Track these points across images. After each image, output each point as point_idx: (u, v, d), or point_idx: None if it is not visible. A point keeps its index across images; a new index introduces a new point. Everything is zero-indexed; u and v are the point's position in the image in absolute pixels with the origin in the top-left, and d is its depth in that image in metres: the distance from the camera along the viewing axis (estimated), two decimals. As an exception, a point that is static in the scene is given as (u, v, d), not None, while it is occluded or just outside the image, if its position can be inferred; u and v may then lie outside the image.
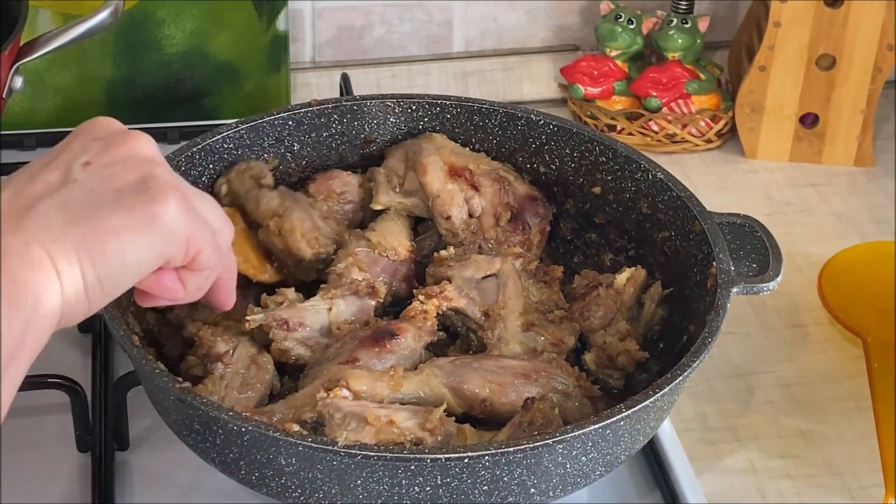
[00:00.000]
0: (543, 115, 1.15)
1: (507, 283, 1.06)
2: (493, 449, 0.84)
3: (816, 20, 1.42)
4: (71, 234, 0.72)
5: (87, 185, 0.74)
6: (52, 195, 0.73)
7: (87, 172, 0.75)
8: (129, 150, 0.77)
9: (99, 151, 0.76)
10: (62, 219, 0.72)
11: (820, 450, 1.13)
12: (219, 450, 0.90)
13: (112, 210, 0.74)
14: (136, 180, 0.75)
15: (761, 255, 1.03)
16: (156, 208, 0.75)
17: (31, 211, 0.72)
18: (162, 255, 0.77)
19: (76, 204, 0.73)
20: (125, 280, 0.75)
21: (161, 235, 0.76)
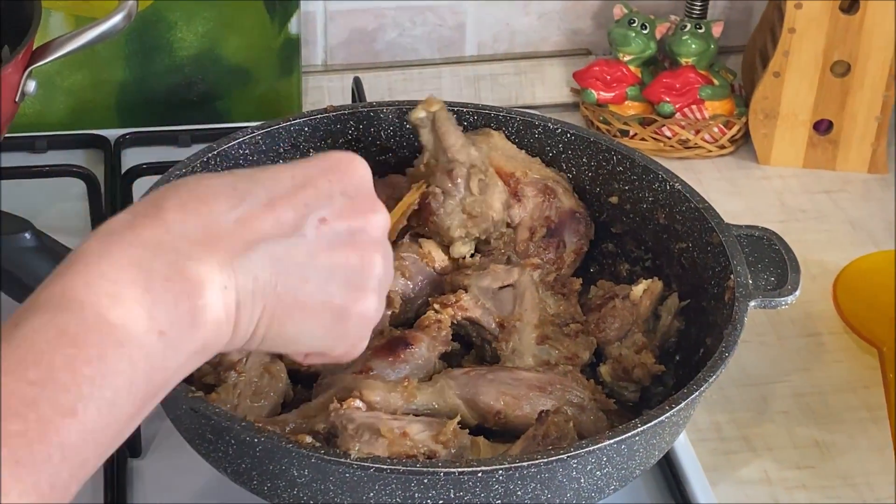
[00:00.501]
0: (561, 124, 1.15)
1: (525, 294, 1.05)
2: (506, 463, 0.83)
3: (831, 26, 1.41)
4: (270, 295, 0.71)
5: (310, 248, 0.73)
6: (275, 242, 0.71)
7: (317, 232, 0.73)
8: (366, 224, 0.76)
9: (340, 212, 0.74)
10: (270, 275, 0.71)
11: (835, 460, 1.13)
12: (231, 460, 0.89)
13: (317, 290, 0.73)
14: (353, 265, 0.75)
15: (779, 267, 1.03)
16: (352, 311, 0.75)
17: (248, 253, 0.70)
18: (326, 348, 0.78)
19: (290, 264, 0.72)
20: (283, 348, 0.76)
21: (339, 333, 0.76)
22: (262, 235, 0.71)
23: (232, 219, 0.70)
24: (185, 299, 0.67)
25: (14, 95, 1.17)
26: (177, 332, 0.67)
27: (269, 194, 0.72)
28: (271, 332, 0.72)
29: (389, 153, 1.17)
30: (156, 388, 0.67)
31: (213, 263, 0.68)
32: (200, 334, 0.68)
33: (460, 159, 1.07)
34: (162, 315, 0.66)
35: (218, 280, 0.68)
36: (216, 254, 0.69)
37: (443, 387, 0.97)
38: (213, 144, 1.10)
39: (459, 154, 1.07)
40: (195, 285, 0.68)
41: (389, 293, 1.04)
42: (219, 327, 0.69)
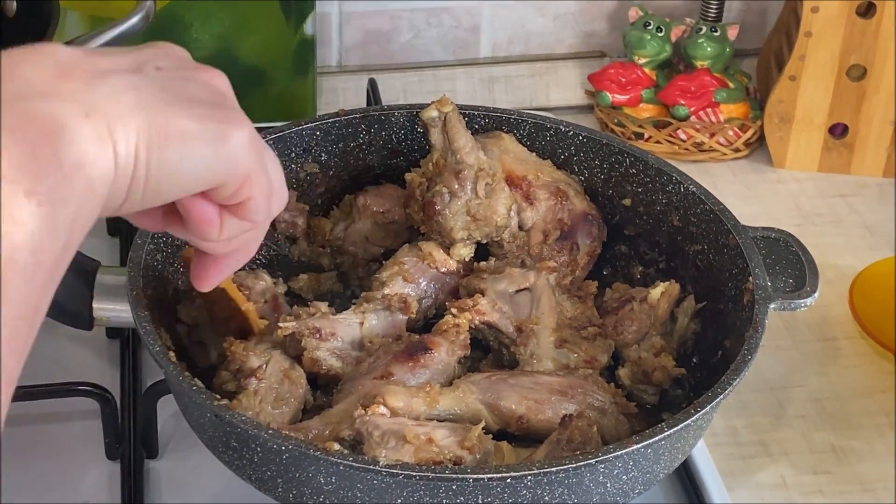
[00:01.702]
0: (573, 126, 1.15)
1: (541, 298, 1.05)
2: (535, 469, 0.84)
3: (848, 30, 1.41)
4: (137, 116, 0.65)
5: (159, 83, 0.67)
6: (124, 75, 0.66)
7: (159, 74, 0.68)
8: (207, 77, 0.71)
9: (173, 66, 0.70)
10: (133, 98, 0.65)
11: (852, 466, 1.13)
12: (256, 467, 0.89)
13: (184, 112, 0.67)
14: (209, 99, 0.69)
15: (797, 270, 1.03)
16: (228, 129, 0.69)
17: (102, 79, 0.64)
18: (217, 178, 0.70)
19: (148, 91, 0.66)
20: (171, 188, 0.68)
21: (224, 158, 0.69)
22: (108, 69, 0.66)
23: (73, 55, 0.65)
24: (44, 143, 0.60)
25: (33, 96, 1.16)
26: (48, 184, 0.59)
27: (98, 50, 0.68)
28: (153, 164, 0.65)
29: (401, 156, 1.17)
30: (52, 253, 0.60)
31: (66, 99, 0.62)
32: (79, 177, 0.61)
33: (469, 162, 1.07)
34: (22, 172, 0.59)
35: (75, 110, 0.62)
36: (68, 87, 0.63)
37: (465, 391, 0.97)
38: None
39: (468, 156, 1.08)
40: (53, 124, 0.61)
41: (406, 298, 1.05)
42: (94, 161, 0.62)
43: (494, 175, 1.09)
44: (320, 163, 1.15)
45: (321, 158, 1.15)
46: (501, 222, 1.09)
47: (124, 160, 0.64)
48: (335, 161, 1.16)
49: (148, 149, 0.65)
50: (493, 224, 1.08)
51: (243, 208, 0.73)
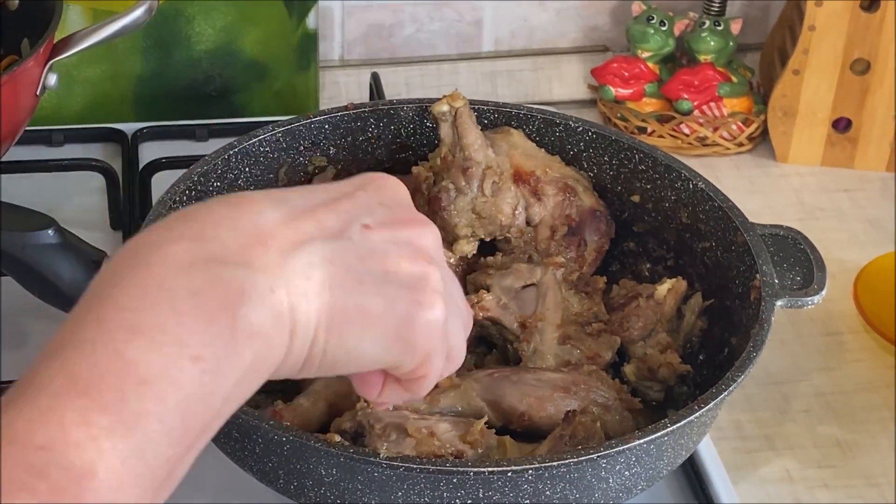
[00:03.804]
0: (582, 122, 1.14)
1: (547, 294, 1.04)
2: (536, 463, 0.83)
3: (852, 24, 1.41)
4: (324, 295, 0.64)
5: (359, 251, 0.66)
6: (324, 242, 0.64)
7: (363, 236, 0.66)
8: (413, 236, 0.68)
9: (383, 221, 0.68)
10: (323, 274, 0.64)
11: (857, 460, 1.12)
12: (257, 458, 0.89)
13: (374, 292, 0.66)
14: (408, 273, 0.67)
15: (805, 267, 1.03)
16: (416, 313, 0.67)
17: (296, 253, 0.63)
18: (394, 362, 0.69)
19: (342, 266, 0.65)
20: (347, 365, 0.67)
21: (406, 343, 0.67)
22: (308, 235, 0.64)
23: (275, 218, 0.64)
24: (221, 313, 0.59)
25: (35, 89, 1.17)
26: (215, 352, 0.59)
27: (306, 203, 0.66)
28: (332, 344, 0.64)
29: (409, 150, 1.17)
30: (200, 421, 0.59)
31: (255, 266, 0.61)
32: (248, 350, 0.60)
33: (477, 159, 1.07)
34: (193, 338, 0.58)
35: (262, 283, 0.61)
36: (261, 254, 0.62)
37: (466, 389, 0.96)
38: (234, 141, 1.10)
39: (477, 154, 1.07)
40: (235, 293, 0.60)
41: None
42: (271, 337, 0.61)
43: (502, 174, 1.08)
44: (329, 156, 1.15)
45: (329, 152, 1.15)
46: (506, 221, 1.08)
47: (301, 340, 0.63)
48: (344, 155, 1.16)
49: (328, 329, 0.64)
50: (498, 223, 1.08)
51: (412, 384, 0.72)
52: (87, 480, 0.54)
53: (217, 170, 1.07)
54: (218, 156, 1.08)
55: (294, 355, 0.64)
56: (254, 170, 1.10)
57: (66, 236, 1.00)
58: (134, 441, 0.56)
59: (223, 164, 1.08)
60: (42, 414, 0.55)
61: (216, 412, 0.60)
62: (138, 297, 0.59)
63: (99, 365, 0.57)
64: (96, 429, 0.55)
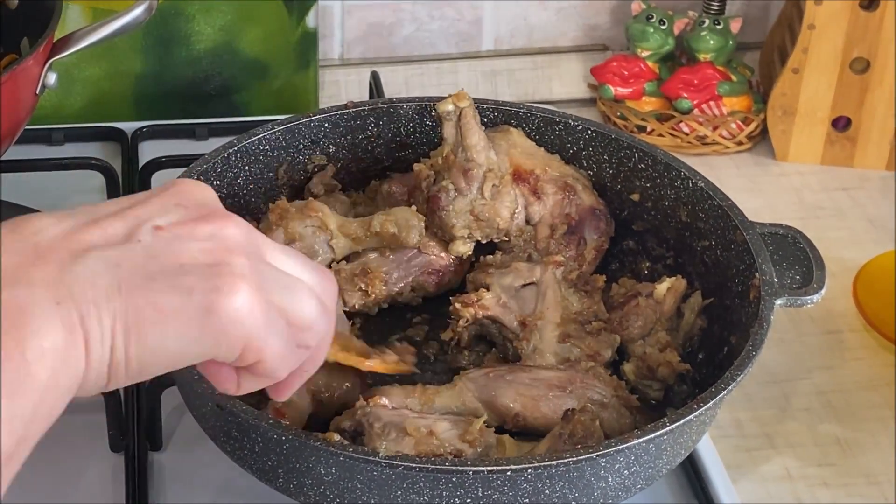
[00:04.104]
0: (581, 121, 1.14)
1: (547, 292, 1.04)
2: (535, 462, 0.83)
3: (851, 23, 1.41)
4: (114, 300, 0.62)
5: (149, 251, 0.64)
6: (107, 249, 0.63)
7: (154, 237, 0.65)
8: (214, 230, 0.67)
9: (178, 220, 0.66)
10: (109, 280, 0.62)
11: (857, 458, 1.12)
12: (257, 457, 0.89)
13: (168, 286, 0.64)
14: (206, 262, 0.65)
15: (804, 266, 1.03)
16: (217, 299, 0.65)
17: (79, 261, 0.62)
18: (208, 354, 0.66)
19: (130, 267, 0.63)
20: (156, 366, 0.65)
21: (213, 332, 0.65)
22: (90, 245, 0.63)
23: (54, 233, 0.63)
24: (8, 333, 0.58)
25: (35, 88, 1.16)
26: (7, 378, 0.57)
27: (92, 215, 0.65)
28: (133, 349, 0.62)
29: (409, 149, 1.17)
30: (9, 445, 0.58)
31: (36, 285, 0.60)
32: (41, 369, 0.59)
33: (479, 161, 1.07)
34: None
35: (44, 297, 0.60)
36: (41, 272, 0.61)
37: (461, 389, 0.96)
38: (234, 140, 1.10)
39: (479, 155, 1.07)
40: (18, 313, 0.59)
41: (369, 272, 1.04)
42: (64, 352, 0.60)
43: (503, 177, 1.08)
44: (328, 154, 1.15)
45: (329, 150, 1.15)
46: (503, 225, 1.08)
47: (99, 349, 0.62)
48: (343, 153, 1.16)
49: (125, 333, 0.62)
50: (495, 226, 1.08)
51: (256, 369, 0.70)
52: None
53: (217, 168, 1.07)
54: (217, 154, 1.08)
55: (95, 366, 0.62)
56: (253, 168, 1.11)
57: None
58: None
59: (223, 163, 1.08)
60: None
61: (20, 436, 0.59)
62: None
63: None
64: None
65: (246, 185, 1.10)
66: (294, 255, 0.72)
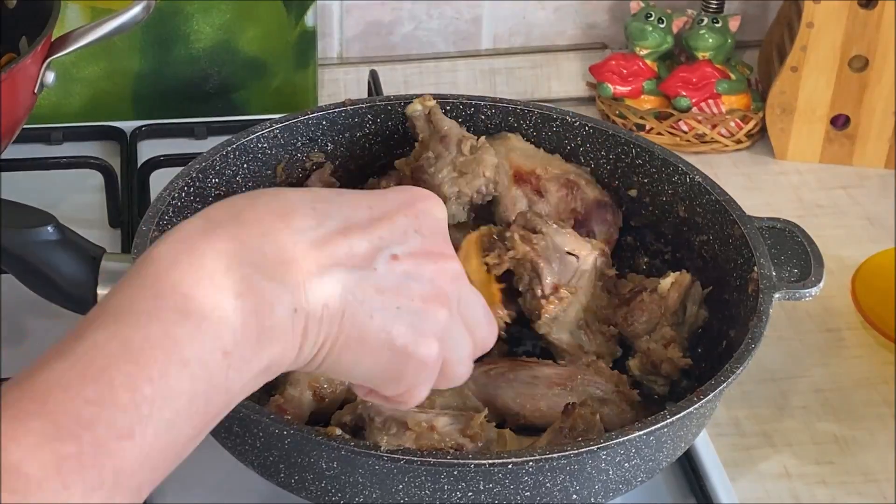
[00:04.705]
0: (579, 117, 1.15)
1: (584, 274, 1.03)
2: (536, 455, 0.83)
3: (850, 21, 1.41)
4: (335, 325, 0.69)
5: (379, 283, 0.70)
6: (349, 272, 0.69)
7: (388, 268, 0.70)
8: (438, 270, 0.72)
9: (413, 252, 0.72)
10: (338, 305, 0.68)
11: (855, 456, 1.12)
12: (258, 452, 0.89)
13: (382, 327, 0.70)
14: (419, 308, 0.71)
15: (802, 260, 1.03)
16: (412, 354, 0.72)
17: (322, 277, 0.68)
18: (378, 387, 0.74)
19: (360, 296, 0.69)
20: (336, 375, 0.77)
21: (393, 375, 0.72)
22: (336, 262, 0.69)
23: (308, 239, 0.68)
24: (253, 319, 0.65)
25: (33, 87, 1.17)
26: (242, 352, 0.64)
27: (346, 221, 0.70)
28: (329, 360, 0.70)
29: (407, 146, 1.17)
30: (216, 409, 0.65)
31: (286, 284, 0.66)
32: (266, 355, 0.66)
33: (453, 132, 1.10)
34: (228, 334, 0.64)
35: (288, 302, 0.66)
36: (291, 274, 0.67)
37: (462, 388, 0.96)
38: (232, 138, 1.10)
39: (453, 129, 1.10)
40: (266, 305, 0.65)
41: None
42: (284, 349, 0.67)
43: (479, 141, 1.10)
44: (326, 152, 1.15)
45: (327, 148, 1.15)
46: (489, 174, 1.08)
47: (306, 355, 0.69)
48: (341, 151, 1.16)
49: (330, 349, 0.69)
50: (482, 175, 1.08)
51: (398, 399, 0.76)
52: (125, 440, 0.59)
53: (215, 166, 1.07)
54: (216, 152, 1.08)
55: (297, 363, 0.69)
56: (252, 166, 1.11)
57: (65, 233, 1.00)
58: (168, 415, 0.61)
59: (221, 161, 1.08)
60: (95, 371, 0.59)
61: (227, 404, 0.66)
62: (193, 284, 0.64)
63: (150, 338, 0.62)
64: (140, 395, 0.60)
65: (245, 183, 1.10)
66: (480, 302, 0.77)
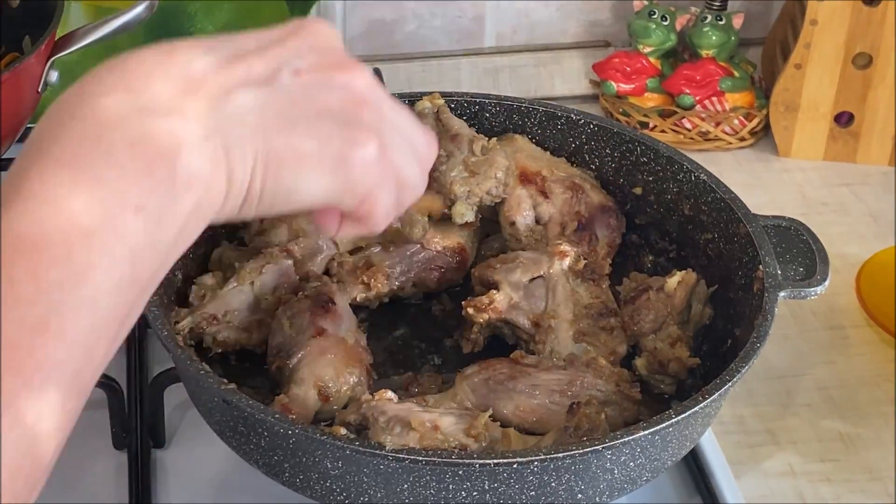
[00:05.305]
0: (584, 115, 1.14)
1: (557, 287, 1.03)
2: (541, 455, 0.83)
3: (853, 18, 1.41)
4: (258, 140, 0.65)
5: (290, 96, 0.67)
6: (254, 89, 0.66)
7: (294, 82, 0.67)
8: (346, 79, 0.69)
9: (314, 65, 0.68)
10: (255, 120, 0.65)
11: (859, 454, 1.12)
12: (263, 452, 0.89)
13: (307, 133, 0.67)
14: (340, 111, 0.68)
15: (807, 258, 1.03)
16: (351, 149, 0.69)
17: (228, 98, 0.64)
18: (332, 198, 0.70)
19: (274, 111, 0.66)
20: (285, 205, 0.68)
21: (343, 180, 0.69)
22: (237, 82, 0.65)
23: (206, 65, 0.65)
24: (160, 161, 0.61)
25: (37, 86, 1.17)
26: (157, 202, 0.60)
27: (236, 49, 0.67)
28: (269, 185, 0.66)
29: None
30: (150, 268, 0.61)
31: (189, 115, 0.63)
32: (188, 197, 0.62)
33: (464, 132, 1.10)
34: (133, 189, 0.60)
35: (196, 131, 0.62)
36: (194, 101, 0.63)
37: (461, 400, 0.95)
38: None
39: (463, 129, 1.10)
40: (169, 145, 0.61)
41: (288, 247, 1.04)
42: (209, 184, 0.63)
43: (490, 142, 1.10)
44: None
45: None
46: (501, 176, 1.08)
47: (238, 183, 0.65)
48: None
49: (264, 171, 0.66)
50: (493, 177, 1.08)
51: (362, 217, 0.74)
52: (43, 335, 0.56)
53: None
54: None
55: (232, 199, 0.65)
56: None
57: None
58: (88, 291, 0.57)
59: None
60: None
61: (161, 261, 0.62)
62: (76, 152, 0.60)
63: (44, 221, 0.57)
64: (45, 283, 0.56)
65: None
66: (406, 113, 0.75)
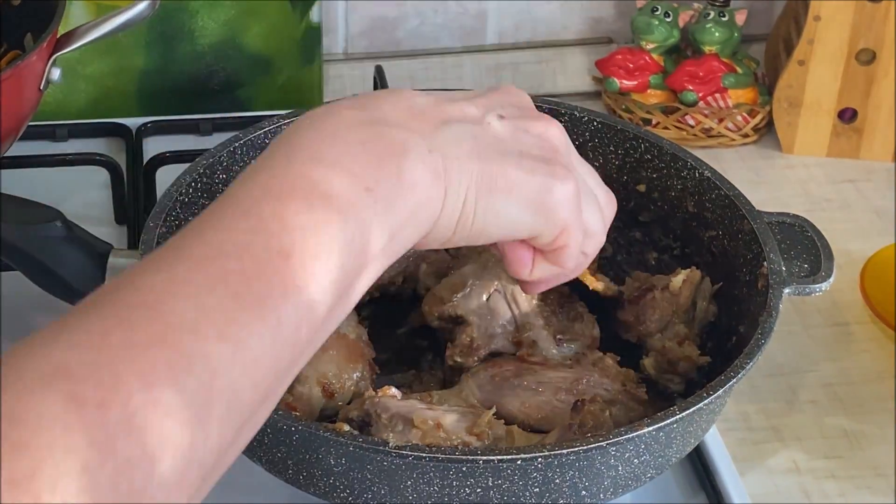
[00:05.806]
0: (587, 112, 1.14)
1: (516, 295, 1.01)
2: (545, 451, 0.83)
3: (857, 15, 1.40)
4: (472, 163, 0.73)
5: (497, 134, 0.76)
6: (468, 124, 0.75)
7: (500, 123, 0.76)
8: (542, 129, 0.78)
9: (514, 114, 0.78)
10: (470, 146, 0.73)
11: (864, 451, 1.12)
12: (266, 449, 0.89)
13: (514, 164, 0.75)
14: (540, 153, 0.77)
15: (812, 254, 1.02)
16: (553, 183, 0.76)
17: (446, 127, 0.73)
18: (534, 230, 0.78)
19: (485, 142, 0.74)
20: (493, 231, 0.76)
21: (545, 211, 0.76)
22: (452, 118, 0.74)
23: (426, 102, 0.74)
24: (389, 158, 0.69)
25: (39, 84, 1.16)
26: (385, 189, 0.68)
27: (448, 97, 0.77)
28: (480, 207, 0.73)
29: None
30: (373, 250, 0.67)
31: (414, 133, 0.71)
32: (411, 196, 0.69)
33: None
34: (367, 172, 0.67)
35: (420, 143, 0.71)
36: (417, 125, 0.72)
37: (467, 396, 0.95)
38: (240, 133, 1.10)
39: None
40: (398, 147, 0.70)
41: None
42: (429, 192, 0.71)
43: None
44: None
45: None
46: None
47: (453, 199, 0.73)
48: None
49: (477, 193, 0.73)
50: None
51: (556, 255, 0.80)
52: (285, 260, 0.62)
53: (223, 162, 1.07)
54: (223, 148, 1.07)
55: (447, 214, 0.73)
56: (259, 161, 1.10)
57: (73, 229, 1.00)
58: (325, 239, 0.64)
59: (228, 157, 1.08)
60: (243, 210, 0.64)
61: (380, 248, 0.68)
62: (317, 141, 0.69)
63: (289, 179, 0.66)
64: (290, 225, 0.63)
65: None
66: (590, 168, 0.83)
